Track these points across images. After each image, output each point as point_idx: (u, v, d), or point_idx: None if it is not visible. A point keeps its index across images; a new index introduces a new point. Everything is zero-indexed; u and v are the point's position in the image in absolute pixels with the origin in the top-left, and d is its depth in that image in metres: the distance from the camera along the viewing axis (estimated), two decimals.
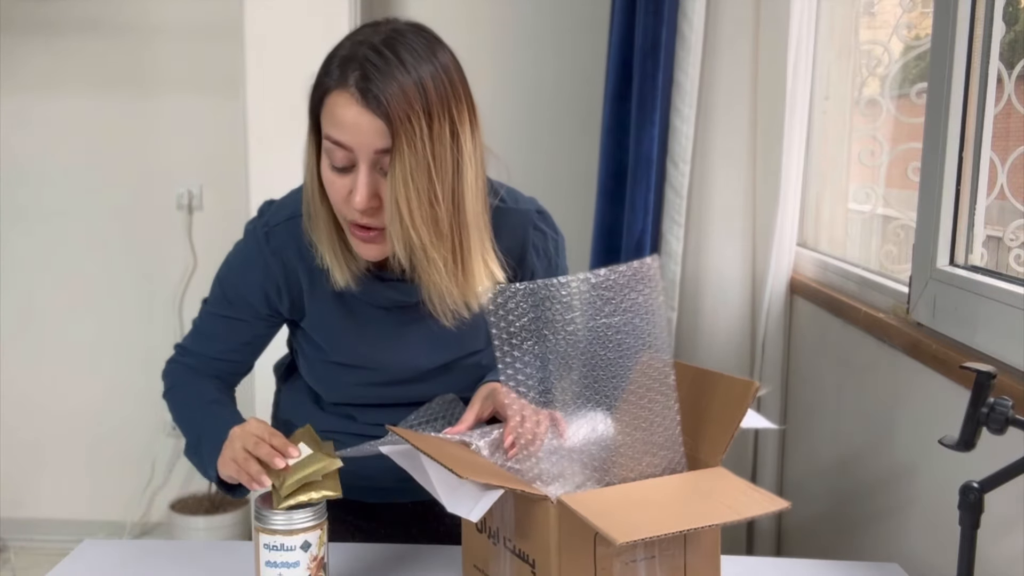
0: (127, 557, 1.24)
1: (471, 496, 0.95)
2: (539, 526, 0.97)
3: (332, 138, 1.06)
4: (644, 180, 2.10)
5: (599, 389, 1.05)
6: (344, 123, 1.04)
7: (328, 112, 1.06)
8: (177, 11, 2.99)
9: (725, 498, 0.96)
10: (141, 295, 3.12)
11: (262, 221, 1.22)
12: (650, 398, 1.02)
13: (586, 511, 0.90)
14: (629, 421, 1.04)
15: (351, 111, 1.04)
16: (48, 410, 3.18)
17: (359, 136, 1.04)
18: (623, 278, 1.02)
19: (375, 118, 1.03)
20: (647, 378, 1.03)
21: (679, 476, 1.03)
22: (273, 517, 0.98)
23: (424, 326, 1.20)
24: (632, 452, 1.03)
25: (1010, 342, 1.13)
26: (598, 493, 0.99)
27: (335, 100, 1.05)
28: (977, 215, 1.32)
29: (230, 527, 2.98)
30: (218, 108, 2.95)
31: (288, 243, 1.19)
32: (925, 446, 1.32)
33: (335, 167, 1.07)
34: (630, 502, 0.96)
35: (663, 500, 0.98)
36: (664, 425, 1.02)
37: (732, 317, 2.04)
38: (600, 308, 1.02)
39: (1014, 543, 1.08)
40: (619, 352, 1.03)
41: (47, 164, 3.08)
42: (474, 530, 1.11)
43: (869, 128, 1.86)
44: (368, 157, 1.05)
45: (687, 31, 2.00)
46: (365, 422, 1.27)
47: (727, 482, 1.00)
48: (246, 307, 1.23)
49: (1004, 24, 1.28)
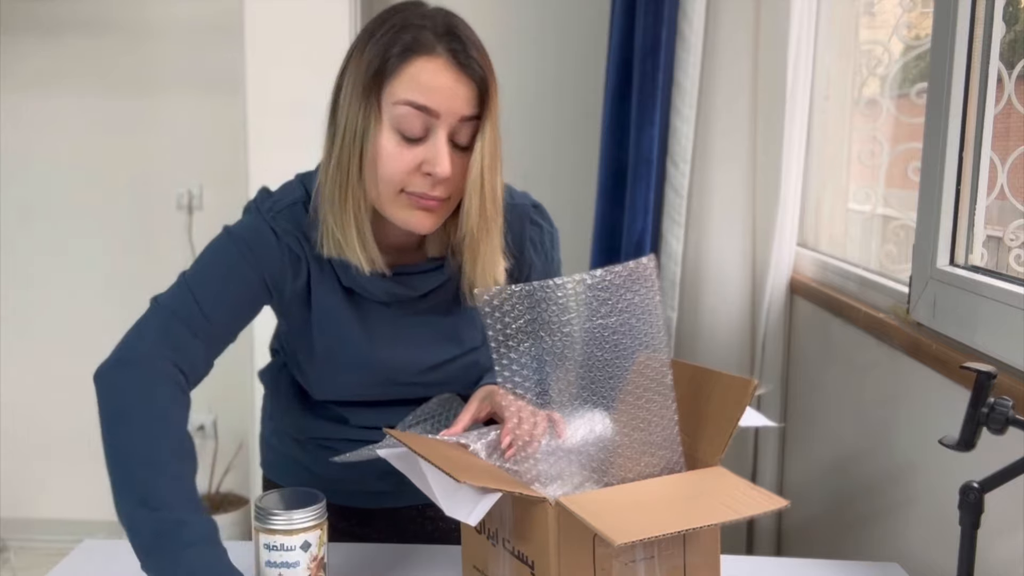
0: (127, 557, 1.23)
1: (469, 499, 0.95)
2: (538, 528, 0.96)
3: (415, 103, 1.03)
4: (644, 180, 2.10)
5: (596, 390, 1.05)
6: (435, 88, 1.03)
7: (409, 78, 1.03)
8: (177, 11, 2.99)
9: (724, 497, 0.96)
10: (141, 295, 3.10)
11: (267, 203, 1.16)
12: (648, 398, 1.02)
13: (584, 512, 0.90)
14: (627, 421, 1.04)
15: (446, 76, 1.03)
16: (48, 410, 3.18)
17: (452, 101, 1.03)
18: (619, 278, 1.02)
19: (471, 84, 1.04)
20: (644, 378, 1.02)
21: (678, 476, 1.03)
22: (273, 517, 0.98)
23: (423, 322, 1.20)
24: (630, 452, 1.03)
25: (1010, 342, 1.13)
26: (596, 494, 0.99)
27: (422, 66, 1.03)
28: (977, 215, 1.32)
29: (230, 527, 2.98)
30: (218, 108, 2.95)
31: (292, 229, 1.15)
32: (925, 446, 1.32)
33: (407, 137, 1.05)
34: (628, 503, 0.96)
35: (662, 500, 0.97)
36: (662, 425, 1.02)
37: (732, 317, 2.04)
38: (596, 309, 1.02)
39: (1014, 543, 1.08)
40: (616, 352, 1.03)
41: (47, 164, 3.08)
42: (474, 531, 1.11)
43: (869, 128, 1.86)
44: (450, 124, 1.05)
45: (687, 31, 2.00)
46: (358, 424, 1.25)
47: (726, 481, 1.00)
48: (253, 269, 1.12)
49: (1004, 24, 1.28)
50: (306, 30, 2.47)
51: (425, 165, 1.05)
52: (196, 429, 3.18)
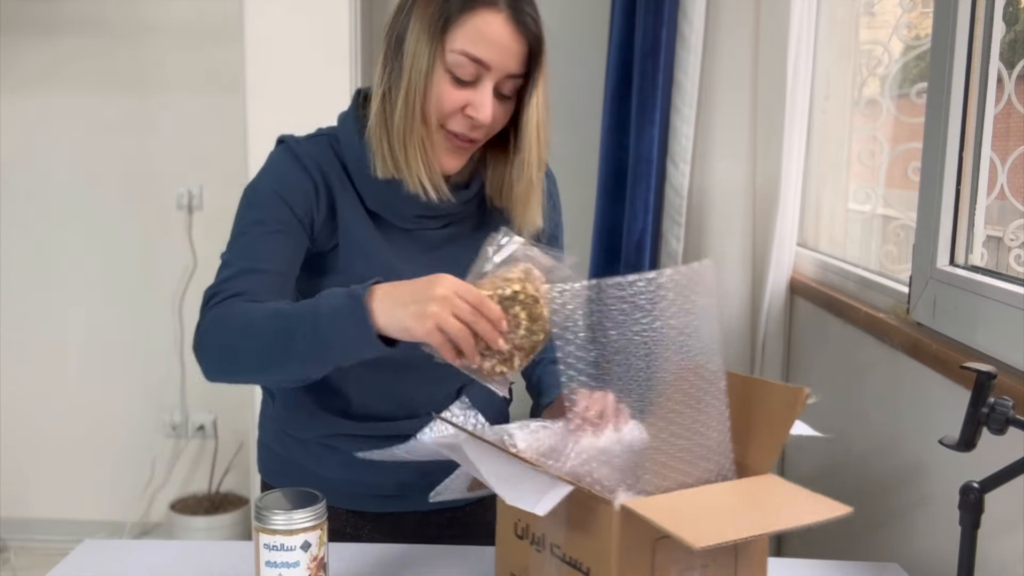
0: (127, 557, 1.24)
1: (535, 489, 0.91)
2: (598, 531, 0.93)
3: (471, 54, 1.09)
4: (644, 180, 2.10)
5: (661, 391, 1.02)
6: (493, 42, 1.09)
7: (471, 28, 1.09)
8: (177, 11, 2.99)
9: (787, 503, 0.95)
10: (141, 295, 3.12)
11: (288, 138, 1.23)
12: (707, 402, 0.99)
13: (655, 516, 0.87)
14: (688, 425, 1.00)
15: (504, 31, 1.09)
16: (48, 410, 3.18)
17: (505, 57, 1.10)
18: (685, 279, 0.99)
19: (524, 42, 1.11)
20: (704, 381, 0.99)
21: (733, 483, 1.00)
22: (273, 517, 0.98)
23: (442, 255, 1.22)
24: (689, 456, 0.99)
25: (1010, 342, 1.13)
26: (659, 499, 0.95)
27: (484, 18, 1.09)
28: (977, 215, 1.32)
29: (230, 527, 2.99)
30: (218, 108, 2.95)
31: (317, 154, 1.19)
32: (925, 446, 1.32)
33: (459, 79, 1.11)
34: (694, 507, 0.93)
35: (724, 505, 0.95)
36: (718, 430, 1.00)
37: (732, 317, 2.03)
38: (665, 309, 0.99)
39: (1014, 543, 1.08)
40: (681, 354, 1.00)
41: (47, 164, 3.08)
42: (511, 536, 1.07)
43: (869, 128, 1.86)
44: (499, 77, 1.11)
45: (687, 31, 2.00)
46: (361, 413, 1.24)
47: (784, 488, 0.99)
48: (285, 209, 1.15)
49: (1004, 24, 1.28)
50: (306, 30, 2.47)
51: (469, 108, 1.12)
52: (196, 429, 3.18)
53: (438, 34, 1.10)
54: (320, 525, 1.00)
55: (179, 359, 3.11)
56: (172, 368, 3.12)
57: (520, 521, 1.06)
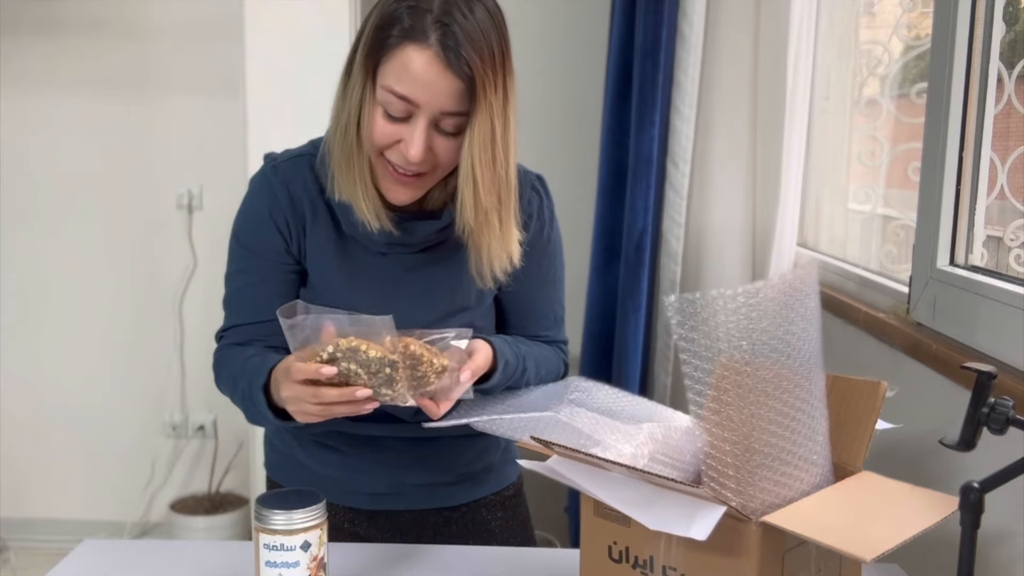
0: (127, 557, 1.24)
1: (679, 511, 0.84)
2: (733, 549, 0.86)
3: (397, 92, 1.04)
4: (644, 180, 2.10)
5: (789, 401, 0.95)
6: (419, 80, 1.03)
7: (398, 64, 1.04)
8: (177, 11, 2.99)
9: (903, 501, 0.93)
10: (141, 295, 3.12)
11: (270, 159, 1.23)
12: (814, 405, 0.96)
13: (808, 531, 0.82)
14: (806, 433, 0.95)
15: (431, 70, 1.02)
16: (48, 410, 3.18)
17: (433, 96, 1.04)
18: (800, 283, 0.94)
19: (456, 81, 1.03)
20: (816, 387, 0.96)
21: (842, 485, 0.97)
22: (273, 517, 0.98)
23: (418, 277, 1.21)
24: (805, 464, 0.95)
25: (1010, 342, 1.13)
26: (793, 512, 0.89)
27: (410, 55, 1.03)
28: (977, 215, 1.32)
29: (230, 527, 2.99)
30: (218, 108, 2.95)
31: (294, 177, 1.19)
32: (925, 446, 1.32)
33: (390, 115, 1.07)
34: (829, 516, 0.88)
35: (853, 510, 0.92)
36: (823, 433, 0.96)
37: None
38: (786, 316, 0.93)
39: (1014, 543, 1.08)
40: (800, 361, 0.94)
41: (47, 164, 3.08)
42: (605, 560, 0.98)
43: (869, 128, 1.86)
44: (431, 115, 1.05)
45: (687, 31, 2.00)
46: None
47: (889, 485, 0.97)
48: (264, 247, 1.20)
49: (1004, 24, 1.28)
50: (306, 30, 2.47)
51: (402, 144, 1.07)
52: (196, 429, 3.18)
53: (370, 68, 1.07)
54: (320, 525, 1.00)
55: (179, 359, 3.11)
56: (172, 368, 3.12)
57: (617, 544, 0.98)
